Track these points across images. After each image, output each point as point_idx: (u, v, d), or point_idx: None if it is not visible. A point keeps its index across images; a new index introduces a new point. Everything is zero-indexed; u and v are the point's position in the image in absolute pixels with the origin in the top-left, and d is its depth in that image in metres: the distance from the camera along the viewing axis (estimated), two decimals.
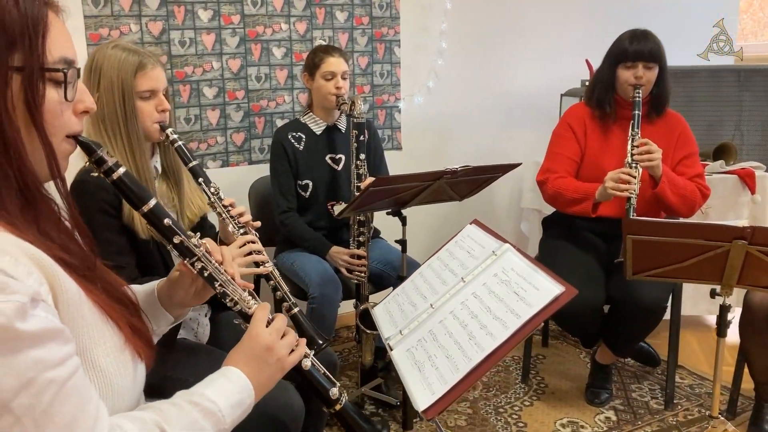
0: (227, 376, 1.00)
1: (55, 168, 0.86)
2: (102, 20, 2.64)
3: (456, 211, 3.65)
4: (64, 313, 0.82)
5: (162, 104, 1.64)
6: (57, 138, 0.87)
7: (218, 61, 2.91)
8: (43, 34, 0.82)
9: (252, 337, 1.05)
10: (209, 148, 2.96)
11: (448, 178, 2.06)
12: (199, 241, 1.08)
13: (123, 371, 0.89)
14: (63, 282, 0.82)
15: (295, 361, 1.08)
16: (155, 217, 1.03)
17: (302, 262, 2.43)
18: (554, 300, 1.15)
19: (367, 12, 3.24)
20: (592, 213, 2.34)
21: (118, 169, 0.97)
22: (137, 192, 1.01)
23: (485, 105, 3.67)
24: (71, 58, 0.87)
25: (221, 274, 1.08)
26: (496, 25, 3.58)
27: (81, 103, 0.91)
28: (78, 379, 0.79)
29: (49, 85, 0.84)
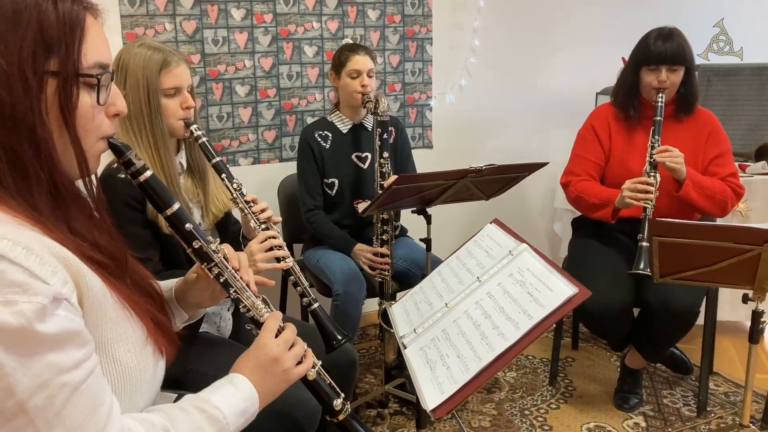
0: (234, 384, 1.01)
1: (84, 169, 0.88)
2: (137, 19, 2.70)
3: (486, 210, 3.61)
4: (88, 310, 0.84)
5: (186, 101, 1.67)
6: (91, 139, 0.90)
7: (250, 59, 2.95)
8: (80, 40, 0.85)
9: (260, 346, 1.06)
10: (241, 146, 3.00)
11: (472, 176, 2.04)
12: (218, 247, 1.10)
13: (144, 366, 0.92)
14: (88, 280, 0.84)
15: (301, 373, 1.09)
16: (178, 221, 1.05)
17: (327, 259, 2.44)
18: (567, 301, 1.13)
19: (399, 10, 3.24)
20: (611, 219, 2.31)
21: (146, 171, 1.00)
22: (162, 195, 1.03)
23: (519, 103, 3.63)
24: (106, 62, 0.89)
25: (237, 281, 1.10)
26: (530, 21, 3.54)
27: (113, 106, 0.93)
28: (92, 381, 0.80)
29: (83, 90, 0.86)
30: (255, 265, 1.61)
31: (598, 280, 2.32)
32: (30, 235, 0.79)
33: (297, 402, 1.55)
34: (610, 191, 2.36)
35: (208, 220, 1.77)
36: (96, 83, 0.86)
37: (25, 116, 0.81)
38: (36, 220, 0.82)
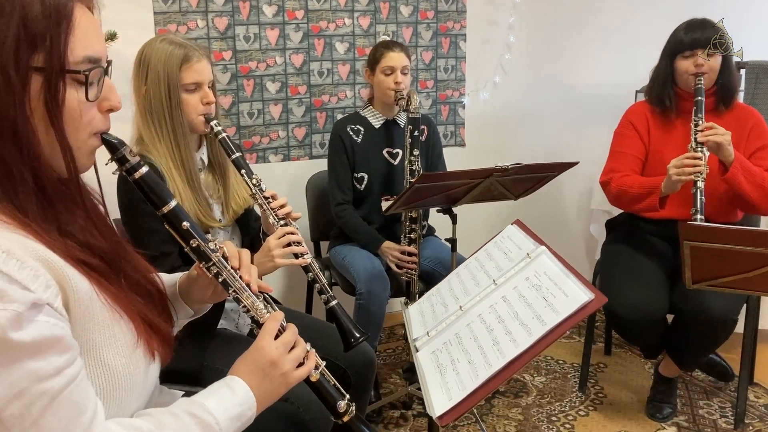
0: (231, 387, 0.99)
1: (72, 166, 0.86)
2: (170, 16, 2.73)
3: (519, 211, 3.53)
4: (74, 313, 0.82)
5: (207, 97, 1.67)
6: (81, 136, 0.87)
7: (281, 56, 2.95)
8: (66, 34, 0.81)
9: (258, 349, 1.03)
10: (271, 142, 3.01)
11: (498, 175, 1.99)
12: (217, 245, 1.07)
13: (133, 370, 0.89)
14: (74, 283, 0.82)
15: (302, 376, 1.06)
16: (175, 218, 1.02)
17: (353, 257, 2.42)
18: (582, 307, 1.08)
19: (432, 6, 3.20)
20: (659, 207, 2.19)
21: (141, 168, 0.97)
22: (158, 192, 1.00)
23: (554, 101, 3.55)
24: (96, 56, 0.86)
25: (236, 281, 1.06)
26: (567, 18, 3.45)
27: (106, 102, 0.90)
28: (74, 388, 0.78)
29: (71, 86, 0.83)
30: (273, 261, 1.59)
31: (631, 285, 2.24)
32: (11, 238, 0.77)
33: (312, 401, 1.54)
34: (653, 179, 2.24)
35: (228, 216, 1.77)
36: (84, 79, 0.83)
37: (7, 114, 0.78)
38: (21, 221, 0.80)
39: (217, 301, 1.18)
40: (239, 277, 1.07)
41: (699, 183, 2.04)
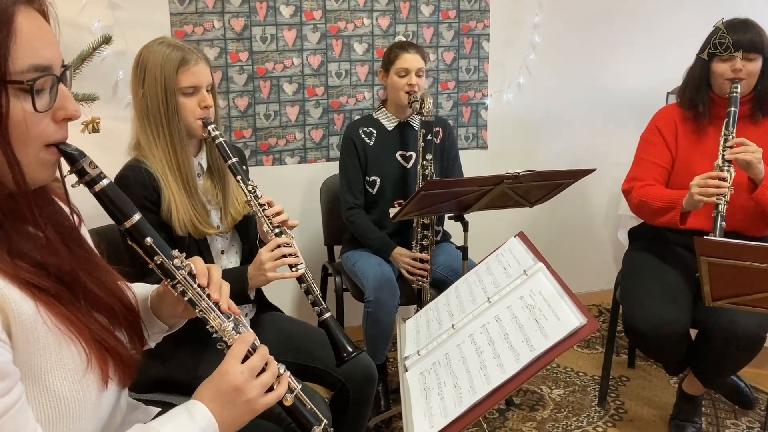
0: (191, 413, 0.94)
1: (21, 181, 0.81)
2: (187, 17, 2.72)
3: (544, 216, 3.45)
4: (17, 337, 0.79)
5: (205, 100, 1.63)
6: (32, 149, 0.83)
7: (299, 57, 2.91)
8: (6, 42, 0.77)
9: (222, 374, 0.97)
10: (287, 144, 2.97)
11: (509, 183, 1.91)
12: (185, 262, 1.02)
13: (83, 396, 0.85)
14: (15, 306, 0.78)
15: (269, 402, 0.99)
16: (138, 233, 0.97)
17: (363, 263, 2.37)
18: (573, 333, 1.00)
19: (454, 5, 3.12)
20: (680, 224, 2.09)
21: (101, 180, 0.92)
22: (120, 206, 0.95)
23: (582, 103, 3.43)
24: (45, 64, 0.81)
25: (202, 300, 1.01)
26: (595, 17, 3.33)
27: (62, 111, 0.85)
28: (9, 418, 0.74)
29: (15, 97, 0.79)
30: (264, 274, 1.55)
31: (652, 298, 2.13)
32: None
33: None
34: (676, 192, 2.13)
35: (227, 223, 1.73)
36: (30, 89, 0.79)
37: None
38: None
39: (191, 317, 1.13)
40: (207, 295, 1.02)
41: (720, 207, 1.92)
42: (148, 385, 1.61)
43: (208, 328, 1.03)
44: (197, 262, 1.05)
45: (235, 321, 1.04)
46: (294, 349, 1.77)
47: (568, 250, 3.59)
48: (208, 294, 1.02)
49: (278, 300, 1.97)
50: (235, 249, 1.80)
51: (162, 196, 1.59)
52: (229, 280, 1.57)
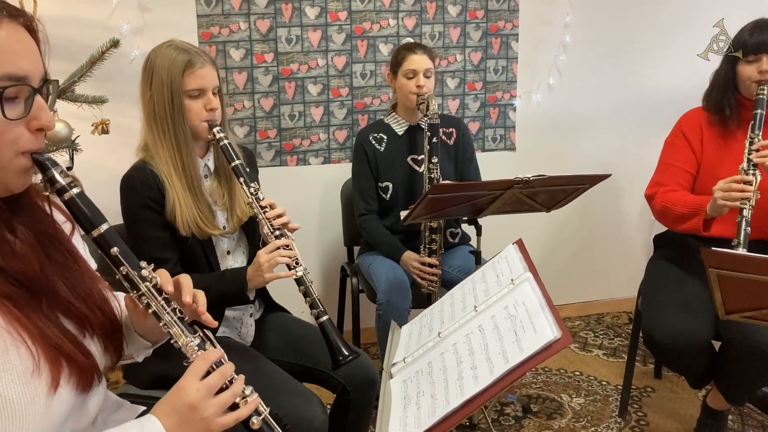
0: (143, 426, 0.93)
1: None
2: (213, 19, 2.76)
3: (573, 221, 3.39)
4: None
5: (210, 103, 1.65)
6: (5, 155, 0.85)
7: (323, 58, 2.93)
8: None
9: (177, 390, 0.95)
10: (312, 145, 2.99)
11: (520, 187, 1.87)
12: (152, 274, 1.01)
13: (30, 399, 0.85)
14: None
15: (227, 423, 0.97)
16: (104, 243, 0.97)
17: (377, 266, 2.37)
18: (546, 347, 0.97)
19: (482, 5, 3.08)
20: (703, 231, 2.01)
21: (71, 189, 0.94)
22: (89, 215, 0.96)
23: (616, 104, 3.34)
24: (20, 74, 0.84)
25: (166, 313, 1.00)
26: (628, 15, 3.23)
27: (36, 121, 0.88)
28: None
29: None
30: (262, 275, 1.56)
31: (672, 308, 2.06)
32: None
33: (297, 419, 1.50)
34: (700, 198, 2.07)
35: (233, 223, 1.75)
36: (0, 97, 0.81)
37: None
38: None
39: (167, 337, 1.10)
40: (173, 309, 1.01)
41: (745, 212, 1.84)
42: (149, 382, 1.64)
43: (173, 343, 1.02)
44: (162, 274, 1.04)
45: (201, 338, 1.02)
46: (297, 351, 1.78)
47: (597, 256, 3.50)
48: (175, 308, 1.01)
49: (288, 301, 1.99)
50: (242, 250, 1.82)
51: (166, 196, 1.62)
52: (229, 281, 1.61)
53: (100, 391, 1.04)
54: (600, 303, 3.57)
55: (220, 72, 2.74)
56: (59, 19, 2.48)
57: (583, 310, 3.54)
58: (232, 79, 2.82)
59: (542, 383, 2.74)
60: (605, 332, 3.29)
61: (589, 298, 3.55)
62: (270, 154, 2.93)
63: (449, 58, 3.09)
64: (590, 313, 3.54)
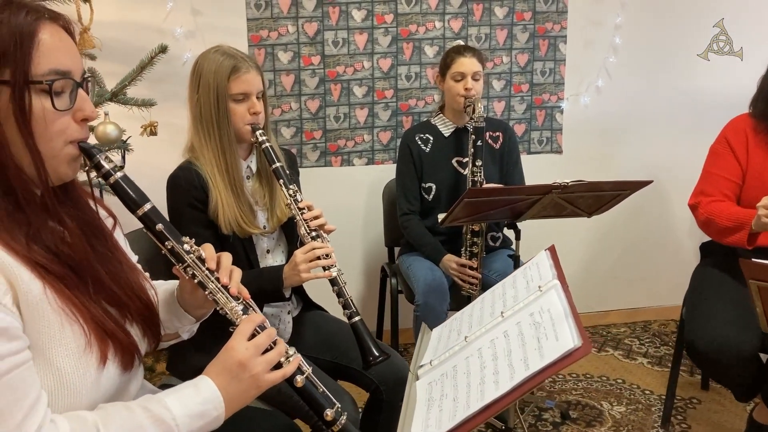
0: (197, 386, 1.00)
1: (42, 173, 0.92)
2: (262, 22, 2.83)
3: (620, 225, 3.32)
4: (25, 312, 0.88)
5: (254, 107, 1.71)
6: (55, 144, 0.93)
7: (369, 60, 2.96)
8: (29, 50, 0.88)
9: (227, 350, 1.03)
10: (356, 146, 3.03)
11: (558, 192, 1.86)
12: (194, 248, 1.09)
13: (83, 372, 0.93)
14: (26, 285, 0.88)
15: (274, 379, 1.04)
16: (149, 221, 1.06)
17: (416, 267, 2.39)
18: (566, 355, 0.98)
19: (530, 7, 3.05)
20: (748, 245, 1.95)
21: (116, 173, 1.02)
22: (133, 196, 1.04)
23: (666, 108, 3.26)
24: (64, 69, 0.92)
25: (210, 282, 1.09)
26: (682, 17, 3.15)
27: (80, 112, 0.96)
28: (17, 375, 0.84)
29: (39, 96, 0.90)
30: (299, 275, 1.61)
31: (717, 317, 2.01)
32: None
33: None
34: (746, 211, 2.01)
35: (272, 223, 1.80)
36: (48, 89, 0.89)
37: None
38: None
39: (213, 307, 1.19)
40: (216, 279, 1.08)
41: None
42: (191, 373, 1.70)
43: (218, 310, 1.09)
44: (207, 249, 1.12)
45: (244, 304, 1.10)
46: (332, 348, 1.82)
47: (645, 261, 3.43)
48: (217, 278, 1.09)
49: (326, 300, 2.03)
50: (281, 249, 1.87)
51: (210, 195, 1.68)
52: (266, 278, 1.66)
53: (139, 375, 1.12)
54: (647, 310, 3.49)
55: (268, 74, 2.86)
56: (115, 23, 2.59)
57: (629, 317, 3.47)
58: (280, 81, 2.89)
59: (583, 390, 2.70)
60: (651, 340, 3.21)
61: (635, 304, 3.48)
62: (315, 155, 2.99)
63: (495, 60, 3.08)
64: (637, 320, 3.46)
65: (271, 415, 1.43)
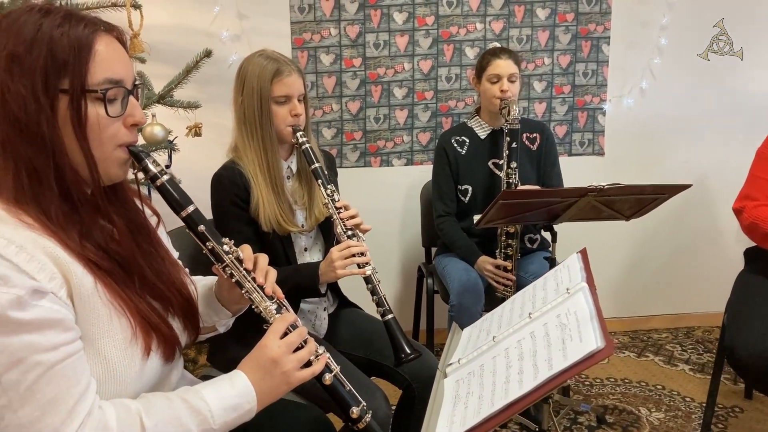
0: (231, 380, 1.06)
1: (95, 175, 0.98)
2: (305, 25, 2.90)
3: (666, 228, 3.27)
4: (77, 304, 0.94)
5: (295, 109, 1.76)
6: (107, 148, 0.99)
7: (410, 62, 2.99)
8: (86, 59, 0.95)
9: (261, 347, 1.08)
10: (395, 147, 3.07)
11: (594, 195, 1.86)
12: (233, 249, 1.15)
13: (129, 362, 0.99)
14: (78, 279, 0.94)
15: (304, 377, 1.09)
16: (192, 222, 1.11)
17: (451, 267, 2.41)
18: (588, 356, 0.99)
19: (572, 8, 3.04)
20: None
21: (162, 176, 1.08)
22: (178, 198, 1.10)
23: (714, 110, 3.19)
24: (117, 78, 0.98)
25: (247, 281, 1.14)
26: (732, 17, 3.08)
27: (131, 117, 1.02)
28: (69, 363, 0.90)
29: (94, 104, 0.96)
30: (335, 271, 1.65)
31: (758, 323, 1.97)
32: (26, 235, 0.90)
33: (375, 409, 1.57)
34: None
35: (311, 222, 1.85)
36: (103, 97, 0.95)
37: (38, 131, 0.92)
38: (42, 223, 0.93)
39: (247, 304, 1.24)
40: (252, 279, 1.14)
41: None
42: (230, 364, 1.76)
43: (253, 308, 1.15)
44: (245, 250, 1.18)
45: (278, 304, 1.15)
46: (366, 345, 1.85)
47: (690, 266, 3.36)
48: (254, 277, 1.14)
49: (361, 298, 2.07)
50: (319, 247, 1.92)
51: (251, 194, 1.74)
52: (303, 274, 1.72)
53: (179, 365, 1.18)
54: (691, 316, 3.42)
55: (311, 76, 2.92)
56: (165, 27, 2.70)
57: (672, 322, 3.41)
58: (322, 83, 2.95)
59: (620, 394, 2.68)
60: (694, 347, 3.15)
61: (679, 310, 3.42)
62: (355, 156, 3.04)
63: (537, 61, 3.07)
64: (680, 325, 3.40)
65: (305, 408, 1.48)
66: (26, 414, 0.86)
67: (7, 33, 0.93)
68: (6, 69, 0.92)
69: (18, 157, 0.93)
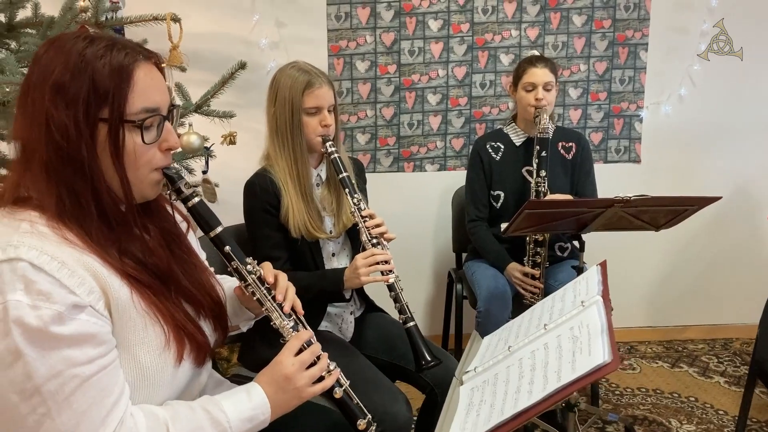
0: (249, 392, 1.12)
1: (129, 197, 1.05)
2: (342, 33, 2.96)
3: (702, 238, 3.22)
4: (115, 315, 1.01)
5: (325, 120, 1.81)
6: (142, 172, 1.05)
7: (444, 68, 3.02)
8: (126, 91, 1.00)
9: (276, 363, 1.15)
10: (428, 152, 3.10)
11: (620, 206, 1.86)
12: (256, 267, 1.21)
13: (162, 368, 1.05)
14: (116, 291, 1.00)
15: (315, 392, 1.16)
16: (220, 242, 1.18)
17: (480, 274, 2.43)
18: (596, 370, 1.01)
19: (609, 14, 3.02)
20: None
21: (194, 198, 1.14)
22: (207, 219, 1.16)
23: (756, 118, 3.13)
24: (153, 107, 1.03)
25: (267, 300, 1.20)
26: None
27: (165, 142, 1.07)
28: (103, 375, 0.96)
29: (130, 132, 1.01)
30: (359, 278, 1.70)
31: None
32: (68, 251, 0.96)
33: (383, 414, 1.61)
34: None
35: (338, 228, 1.90)
36: (139, 126, 1.01)
37: (78, 157, 0.98)
38: (84, 240, 0.99)
39: None
40: (272, 297, 1.20)
41: None
42: (258, 364, 1.83)
43: (272, 325, 1.21)
44: (266, 268, 1.23)
45: (295, 321, 1.21)
46: (390, 349, 1.90)
47: (728, 277, 3.30)
48: (274, 296, 1.20)
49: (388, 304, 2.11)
50: (346, 253, 1.97)
51: (282, 201, 1.81)
52: (328, 280, 1.77)
53: (208, 366, 1.25)
54: (729, 327, 3.36)
55: (346, 83, 2.98)
56: (205, 35, 2.79)
57: (709, 334, 3.35)
58: (357, 89, 3.00)
59: (651, 405, 2.65)
60: (731, 359, 3.10)
61: (716, 321, 3.36)
62: (388, 161, 3.08)
63: (572, 68, 3.06)
64: (716, 337, 3.34)
65: (327, 412, 1.53)
66: (63, 422, 0.92)
67: (55, 60, 0.99)
68: (51, 99, 0.97)
69: (60, 179, 0.99)
